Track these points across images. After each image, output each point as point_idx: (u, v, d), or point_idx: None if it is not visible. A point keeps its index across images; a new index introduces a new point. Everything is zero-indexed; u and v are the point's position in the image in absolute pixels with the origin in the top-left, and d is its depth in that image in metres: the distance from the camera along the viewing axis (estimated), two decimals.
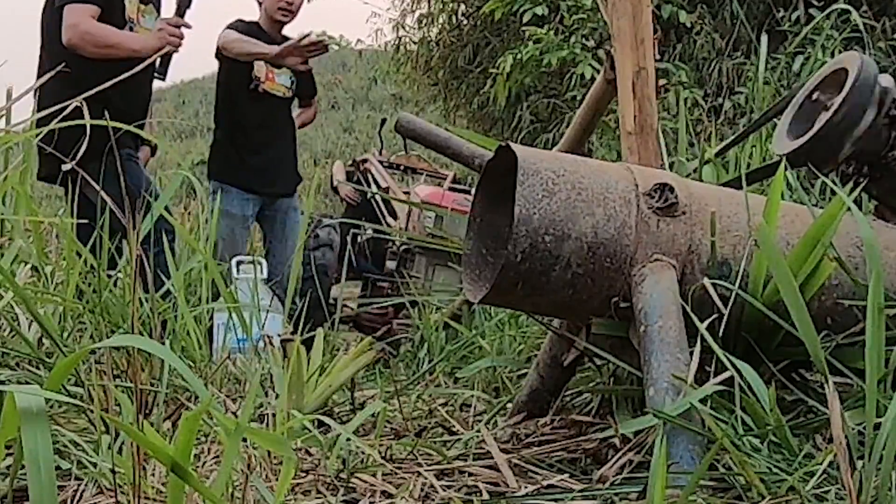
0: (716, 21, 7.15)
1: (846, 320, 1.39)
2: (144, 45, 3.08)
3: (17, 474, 1.06)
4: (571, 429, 1.53)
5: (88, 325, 1.92)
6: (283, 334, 2.04)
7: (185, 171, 2.24)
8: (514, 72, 7.26)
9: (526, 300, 1.40)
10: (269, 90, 3.99)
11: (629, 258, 1.34)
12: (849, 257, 1.40)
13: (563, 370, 1.62)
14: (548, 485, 1.26)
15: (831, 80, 1.62)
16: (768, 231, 1.29)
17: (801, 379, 1.49)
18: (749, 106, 3.27)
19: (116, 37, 3.09)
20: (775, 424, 1.15)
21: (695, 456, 1.14)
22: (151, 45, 3.07)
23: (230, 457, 0.94)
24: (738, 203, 1.44)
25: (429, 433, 1.72)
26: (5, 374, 1.51)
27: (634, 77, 2.13)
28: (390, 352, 3.05)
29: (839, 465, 0.97)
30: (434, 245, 3.87)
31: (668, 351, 1.23)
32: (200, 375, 1.90)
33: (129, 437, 0.96)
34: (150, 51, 3.04)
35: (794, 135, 1.64)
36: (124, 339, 1.27)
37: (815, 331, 1.21)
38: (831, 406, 1.00)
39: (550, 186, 1.32)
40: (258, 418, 1.60)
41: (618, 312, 1.36)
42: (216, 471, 1.24)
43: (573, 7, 7.16)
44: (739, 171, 2.61)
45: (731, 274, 1.37)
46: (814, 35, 4.10)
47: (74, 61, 2.86)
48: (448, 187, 5.72)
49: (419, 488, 1.24)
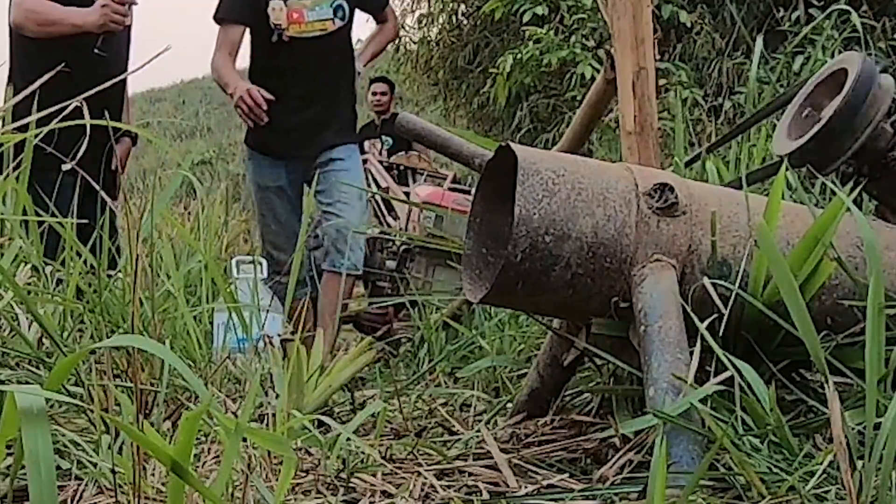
0: (716, 21, 7.15)
1: (846, 320, 1.39)
2: (85, 19, 2.89)
3: (17, 474, 1.06)
4: (571, 429, 1.53)
5: (88, 325, 1.92)
6: (283, 334, 2.04)
7: (185, 171, 2.24)
8: (514, 72, 7.25)
9: (526, 300, 1.40)
10: (300, 34, 3.16)
11: (629, 258, 1.34)
12: (849, 257, 1.40)
13: (563, 370, 1.62)
14: (548, 485, 1.26)
15: (831, 80, 1.62)
16: (768, 231, 1.29)
17: (801, 379, 1.49)
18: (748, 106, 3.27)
19: (57, 12, 2.92)
20: (775, 424, 1.15)
21: (695, 456, 1.14)
22: (92, 20, 2.87)
23: (230, 457, 0.94)
24: (739, 203, 1.44)
25: (429, 433, 1.72)
26: (5, 374, 1.51)
27: (634, 77, 2.13)
28: (390, 352, 3.05)
29: (839, 465, 0.97)
30: (434, 245, 3.87)
31: (669, 351, 1.23)
32: (200, 375, 1.90)
33: (129, 437, 0.96)
34: (92, 26, 2.87)
35: (794, 135, 1.64)
36: (124, 339, 1.27)
37: (815, 331, 1.21)
38: (831, 406, 1.01)
39: (551, 186, 1.32)
40: (258, 418, 1.60)
41: (618, 312, 1.36)
42: (216, 471, 1.24)
43: (573, 7, 7.16)
44: (739, 171, 2.61)
45: (732, 274, 1.37)
46: (814, 35, 4.10)
47: (22, 48, 2.86)
48: (448, 187, 5.72)
49: (419, 488, 1.24)
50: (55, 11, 2.92)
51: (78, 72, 2.37)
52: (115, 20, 2.89)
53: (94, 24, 2.87)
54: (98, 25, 2.87)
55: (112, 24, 2.88)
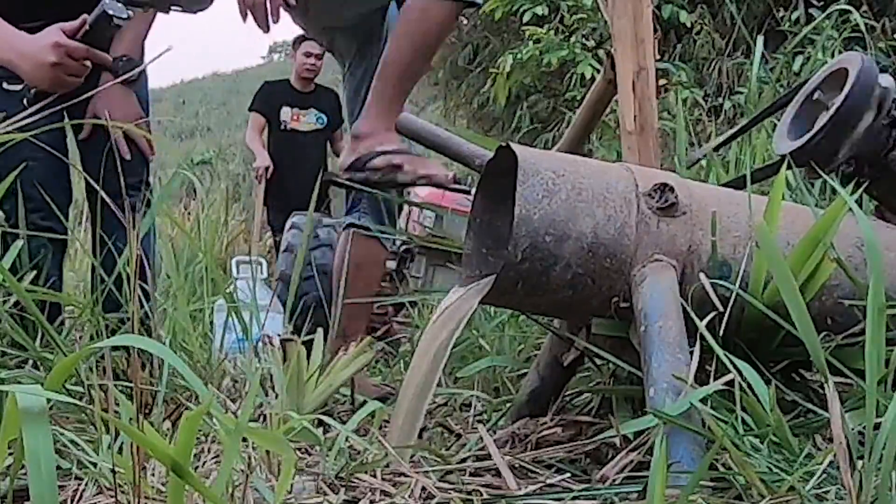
0: (716, 21, 7.15)
1: (847, 320, 1.39)
2: (21, 63, 1.84)
3: (17, 474, 1.06)
4: (571, 429, 1.53)
5: (88, 325, 1.92)
6: (284, 334, 2.04)
7: (185, 171, 2.23)
8: (514, 72, 7.26)
9: (526, 300, 1.40)
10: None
11: (629, 258, 1.34)
12: (849, 258, 1.40)
13: (563, 370, 1.62)
14: (548, 485, 1.26)
15: (831, 80, 1.62)
16: (768, 231, 1.29)
17: (801, 379, 1.49)
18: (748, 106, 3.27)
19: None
20: (775, 424, 1.15)
21: (695, 456, 1.14)
22: (35, 74, 1.83)
23: (230, 457, 0.94)
24: (739, 203, 1.44)
25: (428, 433, 1.72)
26: (5, 374, 1.51)
27: (634, 77, 2.13)
28: (390, 351, 3.05)
29: (839, 465, 0.97)
30: (434, 245, 3.87)
31: (669, 351, 1.23)
32: (200, 375, 1.90)
33: (129, 437, 0.96)
34: (31, 79, 1.84)
35: (794, 135, 1.64)
36: (124, 339, 1.27)
37: (815, 331, 1.21)
38: (831, 406, 1.01)
39: (551, 186, 1.32)
40: (258, 418, 1.60)
41: (618, 312, 1.36)
42: (216, 471, 1.24)
43: (573, 7, 7.16)
44: (740, 171, 2.61)
45: (732, 274, 1.37)
46: (814, 35, 4.11)
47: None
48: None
49: (419, 488, 1.24)
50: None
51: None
52: (66, 84, 1.84)
53: (35, 80, 1.83)
54: (45, 84, 1.84)
55: (60, 89, 1.84)
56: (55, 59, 1.75)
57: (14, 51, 1.76)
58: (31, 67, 1.76)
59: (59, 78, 1.79)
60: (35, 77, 1.78)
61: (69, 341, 1.86)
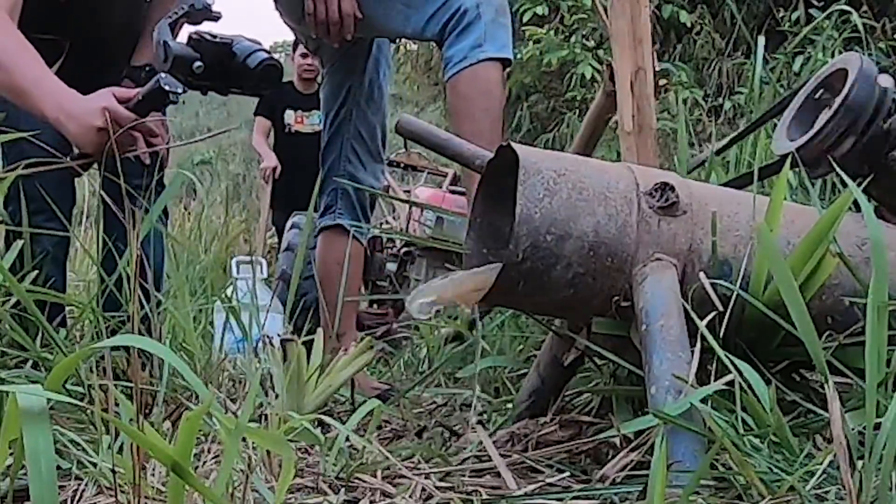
0: (716, 21, 7.16)
1: (847, 319, 1.39)
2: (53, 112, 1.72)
3: (17, 474, 1.06)
4: (571, 428, 1.53)
5: (88, 325, 1.92)
6: (284, 334, 2.04)
7: (185, 171, 2.23)
8: (515, 72, 7.26)
9: (527, 300, 1.39)
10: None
11: (630, 257, 1.33)
12: (849, 257, 1.40)
13: (564, 370, 1.62)
14: (548, 484, 1.26)
15: (831, 80, 1.62)
16: (768, 231, 1.29)
17: (801, 379, 1.49)
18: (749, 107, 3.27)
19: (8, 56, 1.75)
20: (775, 424, 1.15)
21: (695, 455, 1.14)
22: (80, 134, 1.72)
23: (230, 457, 0.94)
24: (739, 203, 1.44)
25: (429, 433, 1.72)
26: (5, 374, 1.51)
27: (633, 77, 2.13)
28: (390, 352, 3.05)
29: (839, 465, 0.97)
30: (435, 247, 3.87)
31: (670, 350, 1.23)
32: (200, 376, 1.90)
33: (129, 437, 0.96)
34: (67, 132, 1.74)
35: (794, 135, 1.64)
36: (124, 339, 1.27)
37: (815, 331, 1.21)
38: (831, 406, 1.00)
39: (552, 185, 1.32)
40: (258, 418, 1.60)
41: (619, 311, 1.36)
42: (216, 471, 1.24)
43: (573, 7, 7.17)
44: (739, 170, 2.61)
45: (733, 273, 1.37)
46: (814, 35, 4.11)
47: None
48: (448, 189, 5.73)
49: (419, 488, 1.24)
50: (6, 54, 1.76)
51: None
52: (110, 150, 1.71)
53: (79, 142, 1.75)
54: (89, 148, 1.75)
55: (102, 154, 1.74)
56: (102, 123, 1.70)
57: (63, 111, 1.71)
58: (77, 129, 1.71)
59: (104, 143, 1.70)
60: (80, 140, 1.74)
61: (69, 341, 1.86)
